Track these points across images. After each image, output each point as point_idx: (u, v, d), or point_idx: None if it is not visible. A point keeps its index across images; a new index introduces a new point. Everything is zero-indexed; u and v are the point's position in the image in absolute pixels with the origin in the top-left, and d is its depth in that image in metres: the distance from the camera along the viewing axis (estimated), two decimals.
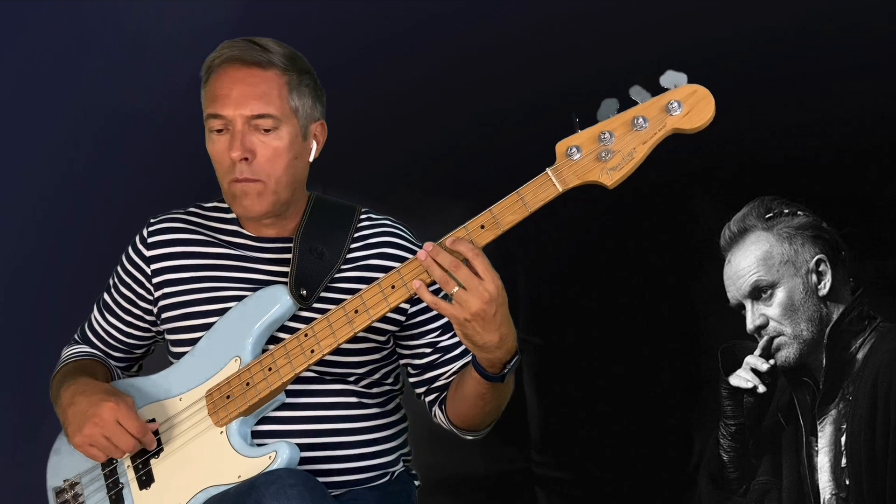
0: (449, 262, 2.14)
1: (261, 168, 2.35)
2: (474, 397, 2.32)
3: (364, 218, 2.50)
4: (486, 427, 2.44)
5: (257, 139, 2.35)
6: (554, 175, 2.15)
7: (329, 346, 2.28)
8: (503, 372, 2.24)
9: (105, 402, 2.33)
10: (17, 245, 3.70)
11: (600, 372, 3.48)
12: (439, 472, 3.37)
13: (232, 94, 2.34)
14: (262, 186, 2.37)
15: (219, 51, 2.39)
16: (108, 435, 2.32)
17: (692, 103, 2.13)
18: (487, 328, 2.14)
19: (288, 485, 2.16)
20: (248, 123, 2.34)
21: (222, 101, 2.35)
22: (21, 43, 3.72)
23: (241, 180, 2.36)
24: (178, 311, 2.45)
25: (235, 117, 2.34)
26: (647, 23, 3.38)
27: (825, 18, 3.25)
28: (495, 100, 3.52)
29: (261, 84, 2.35)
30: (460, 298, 2.12)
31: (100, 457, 2.36)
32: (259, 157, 2.35)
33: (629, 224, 3.41)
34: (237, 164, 2.34)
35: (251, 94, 2.34)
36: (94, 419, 2.32)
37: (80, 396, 2.38)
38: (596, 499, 3.54)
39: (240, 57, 2.36)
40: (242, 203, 2.38)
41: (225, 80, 2.36)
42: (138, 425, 2.33)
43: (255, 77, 2.35)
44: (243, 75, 2.35)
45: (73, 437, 2.36)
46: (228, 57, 2.37)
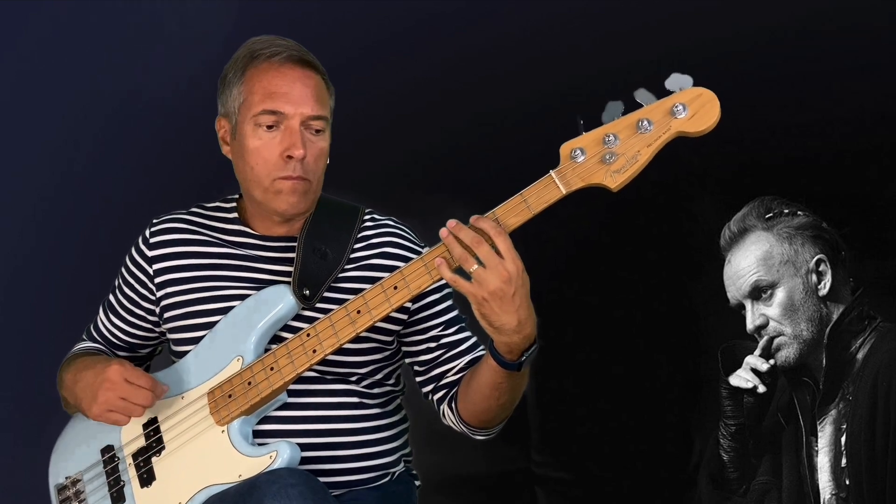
0: (471, 238, 2.12)
1: (310, 167, 2.38)
2: (489, 388, 2.30)
3: (368, 218, 2.51)
4: (497, 424, 2.42)
5: (309, 139, 2.37)
6: (558, 177, 2.15)
7: (331, 346, 2.28)
8: (521, 360, 2.23)
9: (109, 367, 2.35)
10: (17, 245, 3.70)
11: (600, 371, 3.48)
12: (440, 473, 3.37)
13: (293, 93, 2.36)
14: (308, 185, 2.39)
15: (268, 47, 2.39)
16: (123, 395, 2.33)
17: (697, 106, 2.12)
18: (505, 309, 2.12)
19: (289, 484, 2.16)
20: (303, 122, 2.36)
21: (283, 98, 2.36)
22: (21, 43, 3.72)
23: (295, 178, 2.37)
24: (180, 310, 2.45)
25: (295, 115, 2.36)
26: (647, 23, 3.38)
27: (825, 18, 3.25)
28: (495, 100, 3.52)
29: (315, 86, 2.39)
30: (479, 276, 2.11)
31: (122, 420, 2.36)
32: (309, 156, 2.37)
33: (629, 223, 3.41)
34: (291, 162, 2.36)
35: (311, 95, 2.37)
36: (104, 384, 2.34)
37: (83, 372, 2.41)
38: (596, 498, 3.54)
39: (300, 56, 2.39)
40: (289, 200, 2.39)
41: (284, 78, 2.37)
42: (146, 378, 2.35)
43: (311, 78, 2.39)
44: (300, 75, 2.38)
45: (89, 409, 2.37)
46: (288, 55, 2.38)
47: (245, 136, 2.39)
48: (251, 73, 2.39)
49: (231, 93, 2.41)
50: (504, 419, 2.41)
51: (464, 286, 2.14)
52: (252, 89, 2.38)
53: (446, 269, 2.16)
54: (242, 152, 2.40)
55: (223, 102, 2.44)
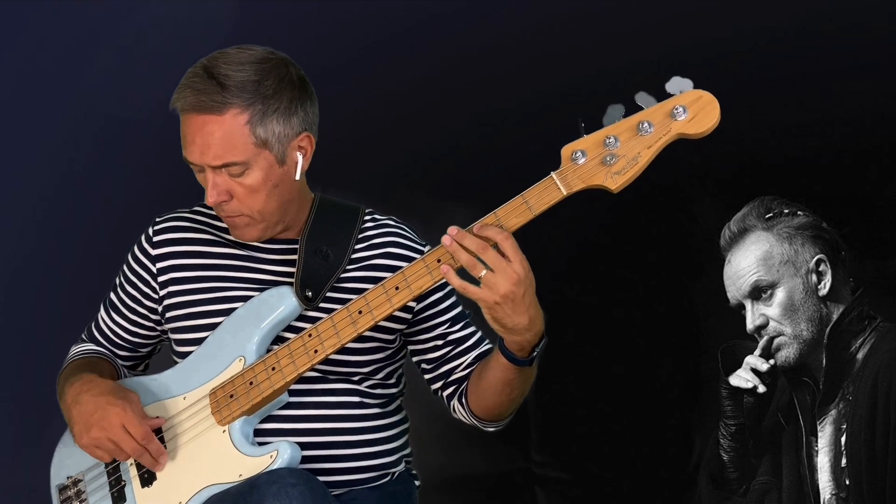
0: (476, 244, 2.13)
1: (241, 205, 2.35)
2: (500, 384, 2.32)
3: (368, 218, 2.50)
4: (509, 415, 2.44)
5: (231, 181, 2.33)
6: (559, 179, 2.15)
7: (333, 346, 2.28)
8: (532, 356, 2.23)
9: (112, 406, 2.33)
10: (17, 245, 3.70)
11: (600, 371, 3.48)
12: (440, 473, 3.37)
13: (196, 143, 2.30)
14: (248, 219, 2.38)
15: (178, 90, 2.32)
16: (115, 440, 2.31)
17: (697, 108, 2.13)
18: (517, 310, 2.13)
19: (289, 484, 2.16)
20: (216, 169, 2.32)
21: (189, 148, 2.32)
22: (21, 43, 3.71)
23: (229, 216, 2.38)
24: (182, 310, 2.44)
25: (204, 165, 2.32)
26: (647, 23, 3.38)
27: (825, 18, 3.25)
28: (495, 100, 3.52)
29: (217, 132, 2.27)
30: (489, 281, 2.11)
31: (105, 458, 2.36)
32: (237, 196, 2.34)
33: (629, 224, 3.41)
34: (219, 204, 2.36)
35: (211, 144, 2.28)
36: (101, 423, 2.32)
37: (85, 395, 2.37)
38: (596, 498, 3.54)
39: (195, 105, 2.27)
40: (235, 233, 2.42)
41: (188, 128, 2.31)
42: (143, 432, 2.33)
43: (211, 125, 2.27)
44: (200, 124, 2.28)
45: (79, 438, 2.36)
46: (184, 105, 2.30)
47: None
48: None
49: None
50: (515, 410, 2.43)
51: (474, 292, 2.14)
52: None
53: (454, 276, 2.16)
54: None
55: None
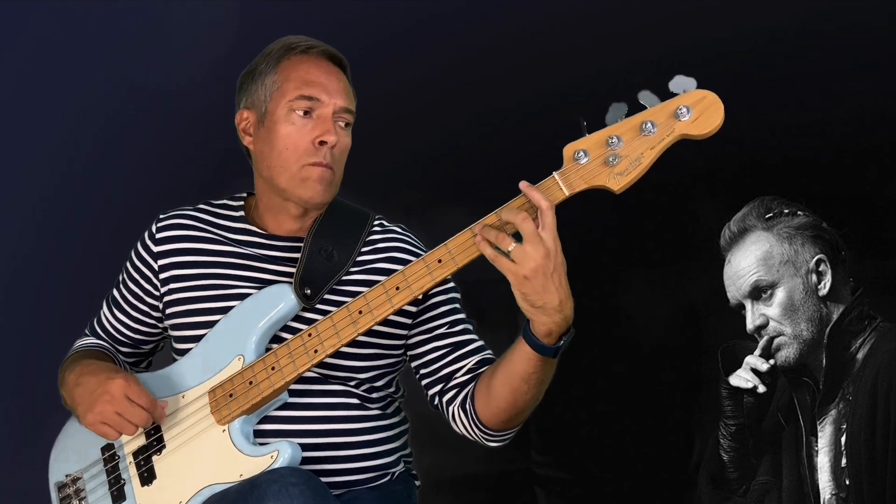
0: (515, 216, 2.13)
1: (337, 158, 2.41)
2: (518, 380, 2.27)
3: (377, 224, 2.51)
4: (517, 425, 2.38)
5: (338, 131, 2.40)
6: (561, 179, 2.15)
7: (332, 346, 2.27)
8: (558, 344, 2.21)
9: (113, 380, 2.34)
10: (17, 245, 3.70)
11: (601, 371, 3.48)
12: (440, 473, 3.37)
13: (330, 84, 2.40)
14: (333, 176, 2.41)
15: (302, 40, 2.45)
16: (120, 410, 2.32)
17: (701, 109, 2.12)
18: (547, 287, 2.12)
19: (290, 483, 2.16)
20: (335, 113, 2.40)
21: (320, 87, 2.39)
22: (21, 43, 3.72)
23: (324, 165, 2.39)
24: (183, 307, 2.45)
25: (330, 104, 2.39)
26: (647, 23, 3.39)
27: (825, 18, 3.25)
28: (495, 100, 3.52)
29: (344, 83, 2.45)
30: (518, 254, 2.11)
31: (112, 434, 2.35)
32: (337, 147, 2.40)
33: (629, 224, 3.41)
34: (322, 149, 2.38)
35: (343, 90, 2.43)
36: (104, 396, 2.33)
37: (86, 377, 2.39)
38: (596, 499, 3.54)
39: (330, 54, 2.45)
40: (315, 187, 2.40)
41: (321, 70, 2.42)
42: (147, 398, 2.34)
43: (342, 75, 2.46)
44: (335, 70, 2.45)
45: (84, 416, 2.36)
46: (322, 50, 2.44)
47: (277, 122, 2.40)
48: (287, 63, 2.43)
49: (262, 81, 2.43)
50: (523, 421, 2.38)
51: (505, 264, 2.12)
52: (288, 77, 2.41)
53: (487, 246, 2.15)
54: (272, 138, 2.40)
55: (249, 94, 2.46)
